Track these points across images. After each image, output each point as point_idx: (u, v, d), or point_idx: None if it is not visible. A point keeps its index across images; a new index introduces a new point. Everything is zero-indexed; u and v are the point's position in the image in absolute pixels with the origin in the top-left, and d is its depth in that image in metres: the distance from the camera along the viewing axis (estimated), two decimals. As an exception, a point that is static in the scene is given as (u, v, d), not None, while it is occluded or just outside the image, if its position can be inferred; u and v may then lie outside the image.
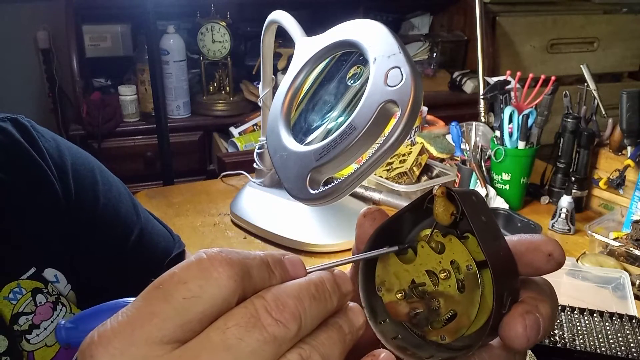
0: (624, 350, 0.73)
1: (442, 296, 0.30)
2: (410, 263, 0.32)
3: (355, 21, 0.69)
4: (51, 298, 0.56)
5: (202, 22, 1.98)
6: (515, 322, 0.29)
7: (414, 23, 2.45)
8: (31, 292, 0.55)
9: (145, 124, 1.98)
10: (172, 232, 0.69)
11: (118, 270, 0.62)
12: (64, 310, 0.57)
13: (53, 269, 0.57)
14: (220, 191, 1.29)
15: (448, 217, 0.31)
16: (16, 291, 0.54)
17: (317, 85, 0.76)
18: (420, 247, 0.32)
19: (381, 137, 0.61)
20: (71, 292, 0.58)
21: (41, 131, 0.60)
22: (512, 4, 2.40)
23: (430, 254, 0.31)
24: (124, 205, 0.64)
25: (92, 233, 0.60)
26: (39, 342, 0.55)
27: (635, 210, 1.07)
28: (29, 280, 0.55)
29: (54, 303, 0.56)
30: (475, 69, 2.07)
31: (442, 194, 0.31)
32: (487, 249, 0.29)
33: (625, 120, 1.12)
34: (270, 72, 1.04)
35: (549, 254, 0.30)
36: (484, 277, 0.29)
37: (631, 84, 2.63)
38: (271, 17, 0.92)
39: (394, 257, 0.32)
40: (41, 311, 0.55)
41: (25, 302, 0.54)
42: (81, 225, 0.59)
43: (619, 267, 0.94)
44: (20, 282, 0.54)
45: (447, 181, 1.24)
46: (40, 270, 0.56)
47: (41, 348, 0.55)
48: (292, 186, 0.67)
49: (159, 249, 0.66)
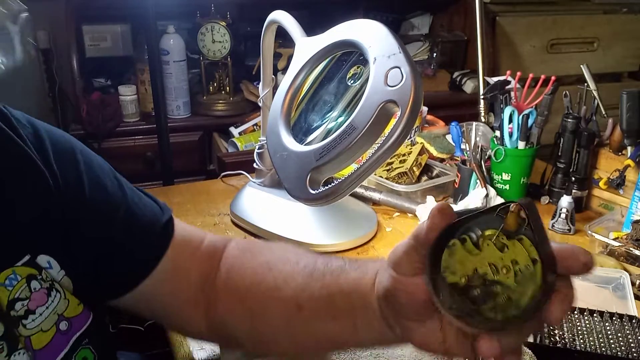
0: (624, 350, 0.73)
1: (500, 284, 0.40)
2: (474, 255, 0.41)
3: (355, 21, 0.69)
4: (45, 284, 0.57)
5: (202, 22, 1.98)
6: (557, 308, 0.40)
7: (414, 23, 2.45)
8: (26, 278, 0.55)
9: (145, 124, 1.98)
10: (157, 200, 0.68)
11: (109, 248, 0.62)
12: (59, 296, 0.58)
13: (46, 255, 0.57)
14: (220, 191, 1.29)
15: (516, 225, 0.41)
16: (12, 278, 0.55)
17: (317, 85, 0.76)
18: (485, 244, 0.41)
19: (381, 137, 0.61)
20: (65, 277, 0.59)
21: (17, 116, 0.59)
22: (512, 4, 2.40)
23: (494, 250, 0.41)
24: (109, 183, 0.63)
25: (81, 215, 0.60)
26: (35, 327, 0.56)
27: (635, 210, 1.07)
28: (24, 267, 0.56)
29: (48, 289, 0.57)
30: (475, 69, 2.07)
31: (518, 210, 0.41)
32: (543, 253, 0.40)
33: (625, 120, 1.12)
34: (270, 72, 1.04)
35: (585, 263, 0.41)
36: (536, 272, 0.40)
37: (631, 84, 2.63)
38: (271, 17, 0.92)
39: (461, 249, 0.41)
40: (36, 297, 0.56)
41: (20, 289, 0.55)
42: (70, 209, 0.59)
43: (619, 267, 0.94)
44: (15, 269, 0.55)
45: (447, 181, 1.24)
46: (34, 257, 0.56)
47: (37, 333, 0.56)
48: (292, 186, 0.67)
49: (147, 220, 0.65)
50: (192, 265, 0.66)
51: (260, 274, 0.63)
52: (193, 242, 0.67)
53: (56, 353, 0.57)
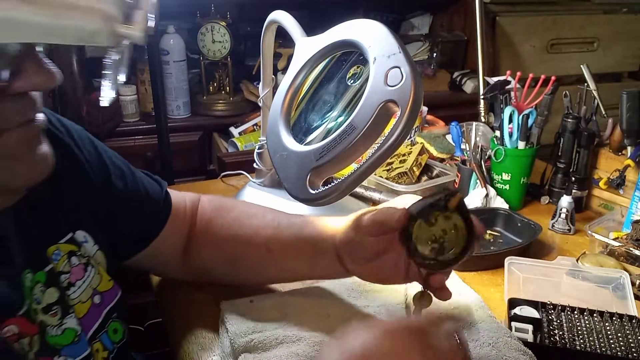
0: (624, 350, 0.73)
1: (446, 241, 0.63)
2: (432, 227, 0.63)
3: (355, 21, 0.69)
4: (83, 260, 0.66)
5: (202, 22, 1.98)
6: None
7: (414, 23, 2.45)
8: (67, 254, 0.64)
9: (145, 124, 1.98)
10: (152, 176, 0.81)
11: (127, 219, 0.75)
12: (93, 271, 0.67)
13: (82, 231, 0.67)
14: (220, 191, 1.28)
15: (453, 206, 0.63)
16: (57, 253, 0.63)
17: (317, 85, 0.76)
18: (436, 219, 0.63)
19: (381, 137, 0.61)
20: (99, 251, 0.69)
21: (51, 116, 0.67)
22: (512, 4, 2.40)
23: (442, 222, 0.63)
24: (124, 169, 0.76)
25: (109, 196, 0.72)
26: (76, 298, 0.64)
27: (635, 210, 1.07)
28: (66, 244, 0.65)
29: (85, 265, 0.66)
30: (475, 69, 2.07)
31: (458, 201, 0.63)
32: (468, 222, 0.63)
33: (625, 120, 1.12)
34: (270, 72, 1.04)
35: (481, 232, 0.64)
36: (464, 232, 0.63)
37: (631, 84, 2.63)
38: (271, 17, 0.92)
39: (424, 224, 0.64)
40: (75, 271, 0.65)
41: (63, 263, 0.64)
42: (100, 192, 0.71)
43: (619, 267, 0.94)
44: (59, 246, 0.64)
45: (447, 181, 1.24)
46: (74, 233, 0.66)
47: (77, 303, 0.64)
48: (292, 186, 0.67)
49: (154, 195, 0.79)
50: (183, 224, 0.82)
51: (234, 228, 0.80)
52: (181, 206, 0.82)
53: (92, 322, 0.66)
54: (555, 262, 0.95)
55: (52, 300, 0.61)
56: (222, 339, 0.75)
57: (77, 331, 0.62)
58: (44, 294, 0.60)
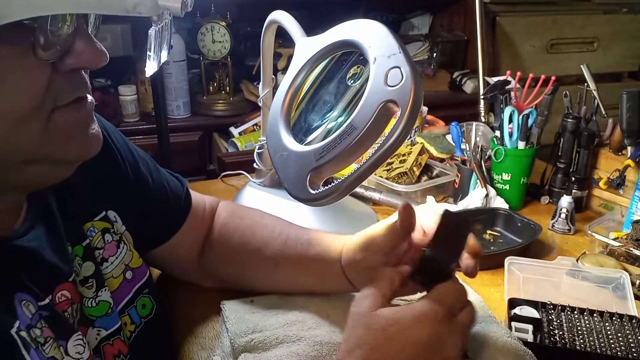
0: (624, 350, 0.73)
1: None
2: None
3: (355, 21, 0.69)
4: (116, 237, 0.69)
5: (202, 22, 1.98)
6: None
7: (414, 23, 2.46)
8: (101, 231, 0.67)
9: (145, 124, 1.98)
10: (173, 174, 0.83)
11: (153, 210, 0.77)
12: (125, 248, 0.70)
13: (113, 211, 0.70)
14: (220, 191, 1.28)
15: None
16: (91, 230, 0.66)
17: (317, 85, 0.76)
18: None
19: (381, 137, 0.61)
20: (126, 231, 0.71)
21: None
22: (512, 4, 2.40)
23: None
24: (150, 164, 0.79)
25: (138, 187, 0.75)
26: (108, 273, 0.67)
27: (636, 210, 1.07)
28: (100, 221, 0.68)
29: (118, 242, 0.69)
30: (475, 69, 2.07)
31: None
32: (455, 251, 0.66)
33: (625, 120, 1.12)
34: (270, 72, 1.04)
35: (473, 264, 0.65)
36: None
37: (631, 84, 2.63)
38: (271, 17, 0.92)
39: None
40: (108, 248, 0.68)
41: (97, 239, 0.67)
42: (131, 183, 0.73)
43: (619, 267, 0.94)
44: (94, 223, 0.67)
45: (447, 181, 1.24)
46: (106, 212, 0.69)
47: (110, 278, 0.67)
48: (292, 186, 0.67)
49: (176, 191, 0.81)
50: (202, 225, 0.83)
51: (246, 236, 0.82)
52: (200, 206, 0.84)
53: (124, 296, 0.69)
54: (555, 262, 0.95)
55: (88, 274, 0.64)
56: (222, 338, 0.75)
57: (110, 304, 0.65)
58: (81, 267, 0.63)
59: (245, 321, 0.74)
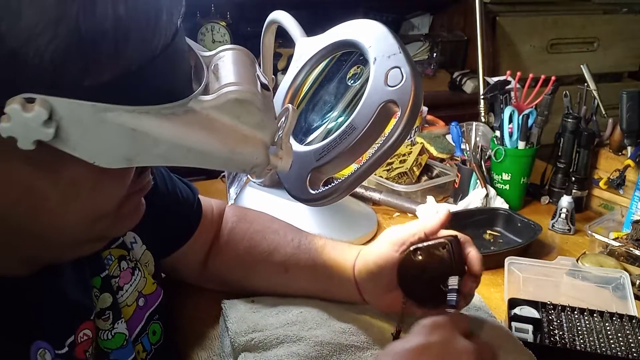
0: (624, 350, 0.73)
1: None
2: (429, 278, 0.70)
3: (355, 21, 0.69)
4: (131, 264, 0.68)
5: (202, 22, 1.98)
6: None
7: (414, 23, 2.46)
8: (118, 259, 0.66)
9: (145, 124, 1.98)
10: (184, 181, 0.82)
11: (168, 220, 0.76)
12: (140, 274, 0.69)
13: (132, 232, 0.69)
14: (220, 191, 1.28)
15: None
16: (109, 258, 0.65)
17: (317, 85, 0.76)
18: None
19: (381, 137, 0.61)
20: (147, 251, 0.71)
21: None
22: (512, 4, 2.40)
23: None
24: (165, 174, 0.78)
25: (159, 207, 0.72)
26: (123, 302, 0.65)
27: (636, 210, 1.07)
28: (117, 248, 0.66)
29: (133, 269, 0.68)
30: (475, 69, 2.07)
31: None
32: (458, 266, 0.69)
33: (625, 120, 1.12)
34: (270, 72, 1.04)
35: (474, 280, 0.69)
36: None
37: (631, 84, 2.63)
38: (271, 17, 0.92)
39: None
40: (124, 275, 0.66)
41: (114, 267, 0.65)
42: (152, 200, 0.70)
43: (619, 267, 0.94)
44: (111, 251, 0.65)
45: (447, 181, 1.24)
46: (123, 237, 0.67)
47: (124, 307, 0.65)
48: (292, 186, 0.67)
49: (189, 200, 0.80)
50: (210, 229, 0.83)
51: (255, 241, 0.81)
52: (208, 211, 0.83)
53: (137, 325, 0.67)
54: (555, 262, 0.95)
55: (105, 306, 0.62)
56: (222, 338, 0.75)
57: (125, 335, 0.63)
58: (98, 299, 0.62)
59: (246, 320, 0.73)
